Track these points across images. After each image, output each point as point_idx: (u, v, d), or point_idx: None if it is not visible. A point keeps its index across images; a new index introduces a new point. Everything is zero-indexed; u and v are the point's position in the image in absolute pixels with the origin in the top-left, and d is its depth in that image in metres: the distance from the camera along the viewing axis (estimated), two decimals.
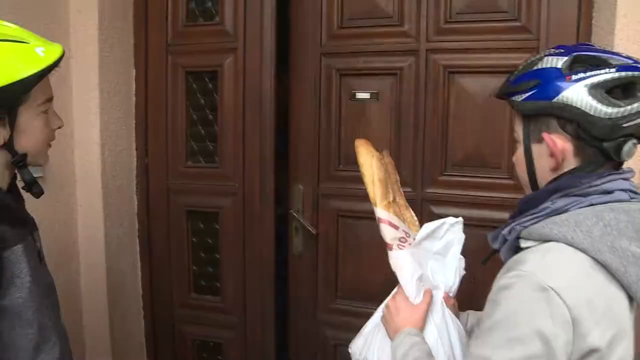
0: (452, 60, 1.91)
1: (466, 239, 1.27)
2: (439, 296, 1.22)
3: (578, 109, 0.92)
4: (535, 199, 1.01)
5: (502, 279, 0.94)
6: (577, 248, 0.90)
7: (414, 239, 1.23)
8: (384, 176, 1.27)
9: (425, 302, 1.19)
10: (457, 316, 1.26)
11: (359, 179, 1.30)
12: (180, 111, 2.21)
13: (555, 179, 0.99)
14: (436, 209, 1.96)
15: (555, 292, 0.86)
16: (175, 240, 2.29)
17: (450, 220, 1.26)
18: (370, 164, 1.26)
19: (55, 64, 1.09)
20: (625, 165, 1.00)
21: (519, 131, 1.03)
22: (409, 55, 1.96)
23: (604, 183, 0.94)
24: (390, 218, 1.23)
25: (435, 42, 1.93)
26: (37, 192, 1.17)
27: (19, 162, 1.11)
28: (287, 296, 2.24)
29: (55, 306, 1.21)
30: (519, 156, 1.05)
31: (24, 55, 1.05)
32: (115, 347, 2.21)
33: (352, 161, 1.39)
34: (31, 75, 1.05)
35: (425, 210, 1.97)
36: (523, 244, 0.98)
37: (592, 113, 0.91)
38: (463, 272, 1.26)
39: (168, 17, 2.18)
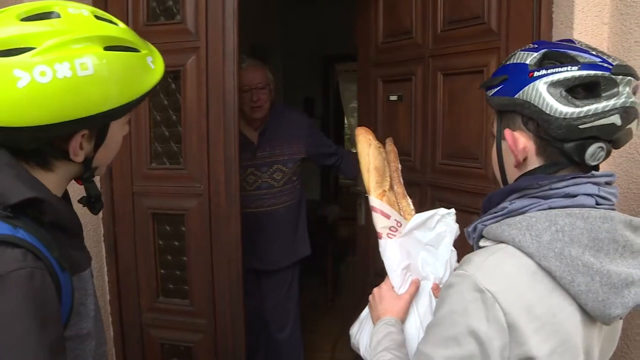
0: (444, 63, 2.11)
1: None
2: (427, 287, 1.22)
3: (535, 106, 0.89)
4: (494, 198, 0.99)
5: (450, 277, 0.94)
6: (524, 252, 0.87)
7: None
8: (381, 165, 1.27)
9: (409, 292, 1.20)
10: None
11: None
12: (143, 112, 2.17)
13: (517, 179, 0.98)
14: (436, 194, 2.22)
15: (492, 294, 0.84)
16: (142, 244, 2.25)
17: (442, 211, 1.26)
18: (367, 152, 1.28)
19: (164, 74, 0.98)
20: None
21: (494, 126, 1.02)
22: (419, 62, 2.23)
23: (567, 186, 0.89)
24: (382, 207, 1.24)
25: (434, 49, 2.16)
26: (99, 208, 1.06)
27: (90, 176, 1.00)
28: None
29: (103, 331, 1.13)
30: (493, 151, 1.03)
31: (139, 69, 0.92)
32: None
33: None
34: (147, 93, 0.93)
35: (429, 194, 2.25)
36: (482, 242, 0.97)
37: (547, 111, 0.88)
38: (455, 265, 1.23)
39: (128, 16, 2.13)
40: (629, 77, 0.88)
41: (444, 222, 1.25)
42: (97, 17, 0.91)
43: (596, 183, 0.90)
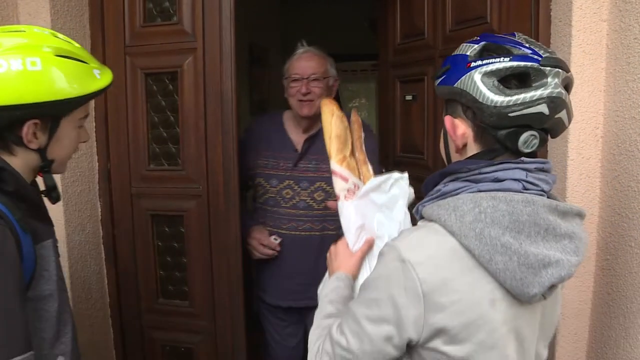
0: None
1: None
2: (381, 245, 1.27)
3: (470, 95, 0.95)
4: (429, 182, 1.07)
5: (383, 247, 1.02)
6: (448, 231, 0.94)
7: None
8: (342, 133, 1.37)
9: (362, 250, 1.28)
10: None
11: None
12: (140, 114, 2.16)
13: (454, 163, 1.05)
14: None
15: (411, 265, 0.92)
16: (141, 245, 2.24)
17: (396, 175, 1.32)
18: (330, 121, 1.38)
19: (107, 87, 1.21)
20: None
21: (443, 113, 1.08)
22: (430, 62, 2.26)
23: (495, 171, 0.95)
24: (342, 171, 1.34)
25: (443, 49, 2.16)
26: (55, 198, 1.24)
27: (46, 167, 1.19)
28: None
29: (67, 298, 1.31)
30: (441, 137, 1.11)
31: (84, 75, 1.15)
32: (83, 358, 2.15)
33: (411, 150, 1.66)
34: (87, 95, 1.15)
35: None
36: (420, 222, 1.04)
37: (480, 100, 0.94)
38: (409, 226, 1.29)
39: (125, 17, 2.13)
40: (557, 69, 0.93)
41: (397, 185, 1.31)
42: (55, 36, 1.16)
43: (525, 169, 0.95)
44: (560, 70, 0.93)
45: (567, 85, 0.96)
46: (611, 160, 1.52)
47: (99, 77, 1.18)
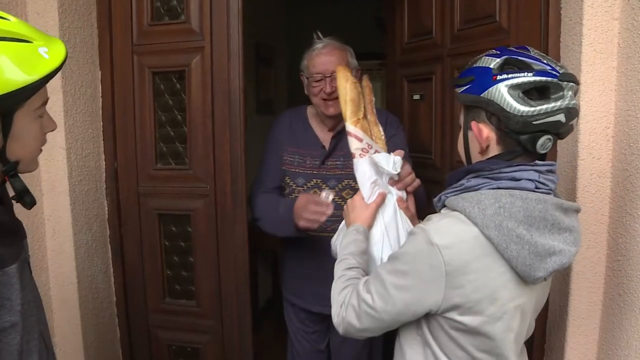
0: (461, 62, 2.06)
1: None
2: (392, 199, 1.46)
3: (498, 104, 1.09)
4: (454, 176, 1.22)
5: (414, 228, 1.17)
6: (471, 221, 1.09)
7: (376, 150, 1.48)
8: (356, 97, 1.50)
9: (376, 202, 1.43)
10: (414, 218, 1.50)
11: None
12: (148, 112, 2.16)
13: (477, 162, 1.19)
14: None
15: (439, 248, 1.08)
16: (148, 245, 2.24)
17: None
18: (345, 86, 1.51)
19: (60, 67, 1.01)
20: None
21: (461, 117, 1.23)
22: (438, 62, 2.25)
23: (513, 171, 1.11)
24: (356, 132, 1.47)
25: (452, 48, 2.17)
26: (30, 203, 1.08)
27: (11, 170, 1.03)
28: None
29: (41, 322, 1.15)
30: (460, 138, 1.24)
31: (28, 58, 0.96)
32: (90, 358, 2.16)
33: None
34: (36, 82, 0.96)
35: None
36: (443, 210, 1.20)
37: (508, 109, 1.08)
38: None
39: (133, 16, 2.13)
40: (572, 83, 1.09)
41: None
42: None
43: (538, 171, 1.12)
44: (574, 84, 1.09)
45: (576, 95, 1.12)
46: (622, 160, 1.50)
47: (48, 57, 0.98)
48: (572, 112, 1.09)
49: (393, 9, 2.59)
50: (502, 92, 1.08)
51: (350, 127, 1.49)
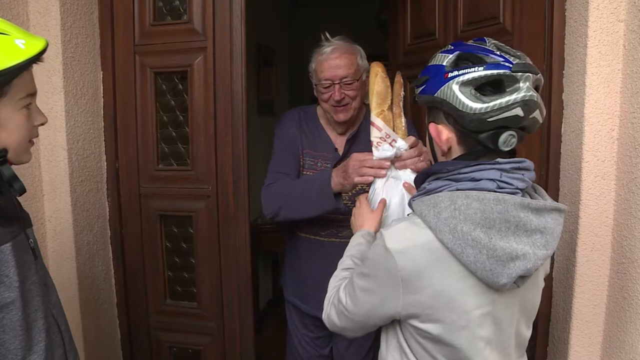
0: None
1: None
2: (399, 185, 1.53)
3: (450, 103, 1.04)
4: (417, 179, 1.21)
5: (377, 233, 1.16)
6: (425, 224, 1.05)
7: (394, 140, 1.54)
8: (383, 90, 1.58)
9: (379, 208, 1.46)
10: None
11: None
12: (150, 113, 2.16)
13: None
14: None
15: (392, 252, 1.05)
16: (149, 246, 2.23)
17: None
18: (374, 80, 1.59)
19: (37, 56, 1.06)
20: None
21: (427, 119, 1.18)
22: None
23: (472, 172, 1.05)
24: (378, 122, 1.55)
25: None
26: (19, 189, 1.12)
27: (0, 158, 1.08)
28: None
29: (54, 305, 1.21)
30: (427, 142, 1.21)
31: (3, 47, 1.02)
32: (90, 359, 2.14)
33: None
34: (10, 67, 1.02)
35: None
36: (409, 214, 1.17)
37: (460, 108, 1.03)
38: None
39: (135, 16, 2.13)
40: (528, 74, 1.02)
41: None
42: None
43: (500, 169, 1.04)
44: (530, 74, 1.02)
45: (537, 87, 1.05)
46: (628, 162, 1.49)
47: (24, 47, 1.04)
48: (530, 105, 1.02)
49: (396, 10, 2.58)
50: (454, 90, 1.03)
51: (374, 117, 1.56)
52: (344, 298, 1.20)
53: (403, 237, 1.07)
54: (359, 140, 1.94)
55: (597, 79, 1.53)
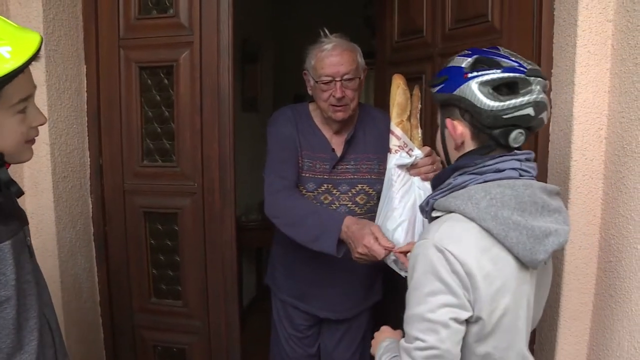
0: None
1: None
2: (415, 190, 1.64)
3: (469, 101, 1.14)
4: (441, 176, 1.26)
5: (415, 248, 1.16)
6: (468, 217, 1.12)
7: (410, 149, 1.65)
8: (403, 102, 1.68)
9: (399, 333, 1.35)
10: None
11: None
12: (134, 108, 2.12)
13: (458, 159, 1.23)
14: None
15: (450, 252, 1.08)
16: (133, 243, 2.20)
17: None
18: (395, 92, 1.68)
19: (26, 64, 1.01)
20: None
21: (438, 116, 1.27)
22: (429, 61, 2.23)
23: (496, 163, 1.15)
24: (397, 131, 1.65)
25: (443, 47, 2.15)
26: (16, 192, 1.11)
27: None
28: None
29: (46, 304, 1.21)
30: (438, 136, 1.29)
31: None
32: (73, 358, 2.10)
33: None
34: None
35: None
36: (434, 214, 1.22)
37: (478, 105, 1.13)
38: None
39: (119, 9, 2.09)
40: (539, 78, 1.14)
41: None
42: None
43: (518, 159, 1.16)
44: (541, 79, 1.14)
45: (545, 91, 1.16)
46: (615, 161, 1.50)
47: (9, 56, 0.98)
48: (540, 106, 1.13)
49: (383, 6, 2.57)
50: (473, 89, 1.13)
51: (393, 127, 1.65)
52: (419, 343, 1.08)
53: (453, 234, 1.11)
54: (357, 141, 1.93)
55: (585, 79, 1.54)
